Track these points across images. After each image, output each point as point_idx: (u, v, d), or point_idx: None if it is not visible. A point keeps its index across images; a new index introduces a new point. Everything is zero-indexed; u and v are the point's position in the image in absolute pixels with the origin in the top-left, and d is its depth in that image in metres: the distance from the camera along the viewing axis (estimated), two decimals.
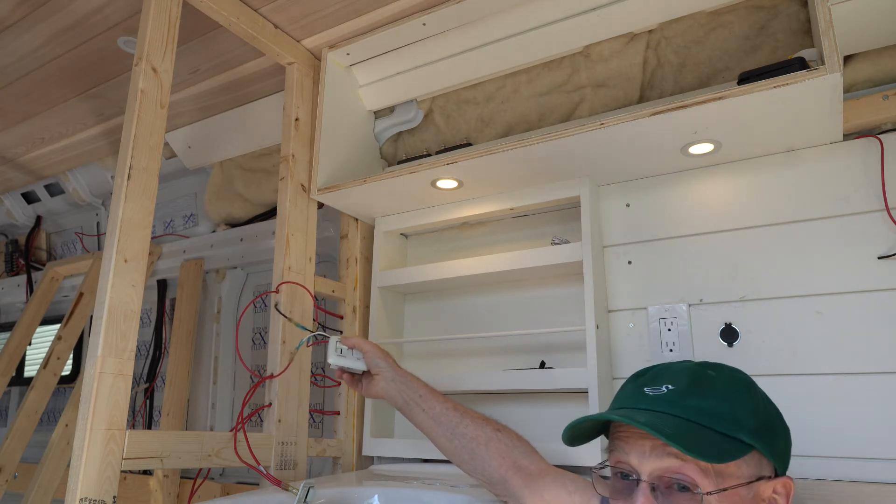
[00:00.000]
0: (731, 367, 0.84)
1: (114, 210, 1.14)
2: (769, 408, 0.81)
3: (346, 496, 1.18)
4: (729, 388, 0.79)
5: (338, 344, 1.17)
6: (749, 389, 0.80)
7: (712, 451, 0.71)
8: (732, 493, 0.72)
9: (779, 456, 0.77)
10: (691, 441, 0.71)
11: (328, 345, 1.17)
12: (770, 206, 1.29)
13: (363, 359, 1.19)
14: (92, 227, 2.72)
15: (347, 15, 1.50)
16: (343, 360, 1.17)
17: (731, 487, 0.72)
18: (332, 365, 1.16)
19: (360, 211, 1.69)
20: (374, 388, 1.19)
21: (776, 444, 0.77)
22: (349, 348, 1.19)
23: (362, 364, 1.19)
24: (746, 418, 0.76)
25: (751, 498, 0.74)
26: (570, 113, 1.57)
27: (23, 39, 1.62)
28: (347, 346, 1.19)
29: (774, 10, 1.33)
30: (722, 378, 0.80)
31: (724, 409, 0.76)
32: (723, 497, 0.71)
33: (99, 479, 1.01)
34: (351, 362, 1.18)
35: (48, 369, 2.20)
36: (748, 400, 0.78)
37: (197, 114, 2.01)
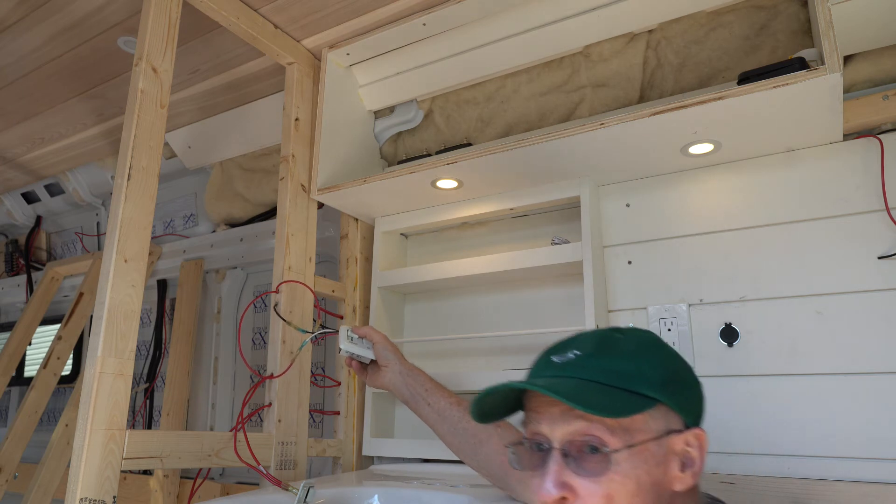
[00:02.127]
0: (640, 329, 0.84)
1: (114, 210, 1.14)
2: (675, 363, 0.80)
3: (346, 496, 1.18)
4: (634, 347, 0.79)
5: (349, 332, 1.19)
6: (656, 347, 0.80)
7: (614, 406, 0.71)
8: (642, 450, 0.72)
9: (687, 409, 0.77)
10: (590, 398, 0.71)
11: (339, 332, 1.19)
12: (770, 206, 1.29)
13: (372, 348, 1.21)
14: (92, 227, 2.72)
15: (347, 15, 1.50)
16: (353, 348, 1.19)
17: (640, 443, 0.71)
18: (342, 351, 1.18)
19: (360, 211, 1.69)
20: (381, 380, 1.21)
21: (682, 396, 0.77)
22: (359, 337, 1.21)
23: (371, 353, 1.21)
24: (650, 373, 0.75)
25: (662, 453, 0.73)
26: (570, 113, 1.57)
27: (23, 39, 1.62)
28: (358, 335, 1.21)
29: (774, 10, 1.33)
30: (628, 339, 0.80)
31: (629, 367, 0.75)
32: (633, 454, 0.71)
33: (99, 479, 1.01)
34: (360, 350, 1.20)
35: (48, 369, 2.20)
36: (653, 356, 0.78)
37: (197, 114, 2.01)
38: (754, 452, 1.21)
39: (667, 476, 0.73)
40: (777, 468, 1.18)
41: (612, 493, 0.70)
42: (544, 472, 0.73)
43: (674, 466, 0.74)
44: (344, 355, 1.20)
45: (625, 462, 0.71)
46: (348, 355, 1.20)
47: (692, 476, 0.75)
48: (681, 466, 0.75)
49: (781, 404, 1.20)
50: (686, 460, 0.75)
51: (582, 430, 0.72)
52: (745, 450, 1.21)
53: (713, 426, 1.23)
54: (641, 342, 0.80)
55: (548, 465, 0.73)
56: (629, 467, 0.71)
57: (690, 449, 0.75)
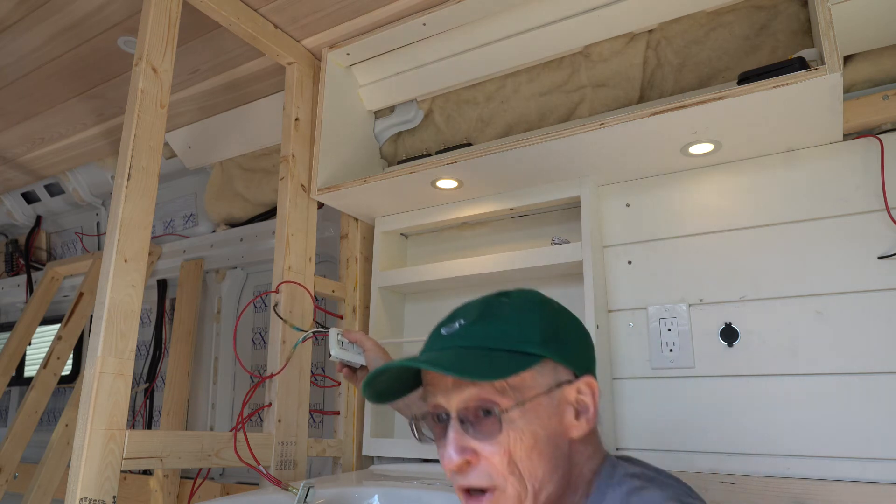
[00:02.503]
0: (525, 290, 0.85)
1: (114, 210, 1.14)
2: (558, 319, 0.82)
3: (346, 496, 1.18)
4: (517, 308, 0.80)
5: (339, 336, 1.18)
6: (538, 305, 0.82)
7: (496, 369, 0.73)
8: (534, 405, 0.74)
9: (573, 359, 0.79)
10: (471, 365, 0.73)
11: (329, 337, 1.17)
12: (770, 206, 1.29)
13: (363, 353, 1.20)
14: (92, 227, 2.72)
15: (347, 15, 1.50)
16: (343, 354, 1.18)
17: (530, 399, 0.74)
18: (333, 357, 1.17)
19: (360, 211, 1.69)
20: None
21: (567, 349, 0.79)
22: (350, 342, 1.20)
23: (361, 358, 1.20)
24: (531, 332, 0.77)
25: (556, 405, 0.76)
26: (570, 113, 1.57)
27: (23, 39, 1.62)
28: (349, 340, 1.20)
29: (774, 10, 1.33)
30: (511, 301, 0.82)
31: (510, 329, 0.78)
32: (525, 410, 0.74)
33: (99, 479, 1.01)
34: (351, 356, 1.19)
35: (48, 369, 2.20)
36: (534, 315, 0.80)
37: (197, 114, 2.01)
38: (754, 452, 1.21)
39: (562, 425, 0.76)
40: (777, 468, 1.18)
41: (510, 450, 0.73)
42: (446, 441, 0.75)
43: (569, 415, 0.77)
44: (334, 360, 1.19)
45: (519, 419, 0.73)
46: (337, 360, 1.20)
47: (587, 422, 0.78)
48: (575, 414, 0.78)
49: (781, 404, 1.21)
50: (580, 408, 0.78)
51: (474, 396, 0.74)
52: (745, 450, 1.21)
53: (713, 426, 1.24)
54: (523, 303, 0.82)
55: (447, 433, 0.75)
56: (524, 423, 0.73)
57: (583, 397, 0.78)
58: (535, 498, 0.74)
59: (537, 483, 0.73)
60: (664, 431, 1.29)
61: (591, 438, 0.80)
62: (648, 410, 1.31)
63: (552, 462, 0.74)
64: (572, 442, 0.77)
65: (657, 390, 1.32)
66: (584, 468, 0.78)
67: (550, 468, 0.74)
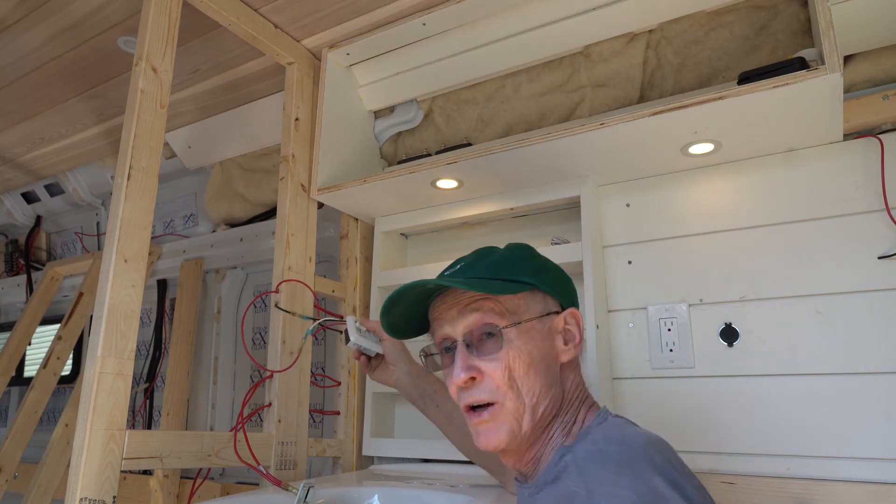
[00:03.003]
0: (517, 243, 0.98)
1: (114, 210, 1.14)
2: (545, 261, 0.95)
3: (346, 496, 1.18)
4: (508, 251, 0.94)
5: (357, 324, 1.18)
6: (525, 250, 0.95)
7: (495, 288, 0.85)
8: (529, 328, 0.85)
9: (559, 291, 0.91)
10: (476, 285, 0.85)
11: (347, 324, 1.18)
12: (770, 206, 1.29)
13: (380, 342, 1.21)
14: (92, 227, 2.72)
15: (347, 15, 1.50)
16: (363, 340, 1.19)
17: (525, 321, 0.85)
18: (352, 344, 1.17)
19: (360, 211, 1.69)
20: (389, 377, 1.22)
21: (554, 282, 0.91)
22: (367, 330, 1.21)
23: (379, 347, 1.21)
24: (522, 265, 0.90)
25: (546, 330, 0.87)
26: (570, 113, 1.57)
27: (23, 39, 1.62)
28: (367, 328, 1.21)
29: (774, 10, 1.33)
30: (506, 248, 0.95)
31: (504, 264, 0.90)
32: (522, 331, 0.85)
33: (99, 479, 1.01)
34: (369, 343, 1.20)
35: (48, 369, 2.20)
36: (524, 256, 0.93)
37: (197, 114, 2.01)
38: (754, 452, 1.21)
39: (554, 349, 0.87)
40: (777, 468, 1.18)
41: (510, 366, 0.83)
42: (454, 364, 0.85)
43: (559, 341, 0.88)
44: (352, 347, 1.19)
45: (516, 339, 0.84)
46: (356, 348, 1.20)
47: (574, 348, 0.89)
48: (564, 341, 0.88)
49: (781, 404, 1.21)
50: (567, 336, 0.89)
51: (477, 321, 0.85)
52: (745, 450, 1.22)
53: (713, 426, 1.24)
54: (513, 248, 0.95)
55: (455, 357, 0.86)
56: (521, 343, 0.84)
57: (569, 326, 0.89)
58: (532, 412, 0.83)
59: (534, 398, 0.83)
60: (664, 431, 1.28)
61: (577, 367, 0.91)
62: (648, 410, 1.31)
63: (546, 380, 0.84)
64: (562, 366, 0.88)
65: (657, 390, 1.32)
66: (573, 395, 0.88)
67: (545, 385, 0.84)
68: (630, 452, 0.74)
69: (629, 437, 0.77)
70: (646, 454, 0.73)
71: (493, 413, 0.83)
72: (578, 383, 0.90)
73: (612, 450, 0.75)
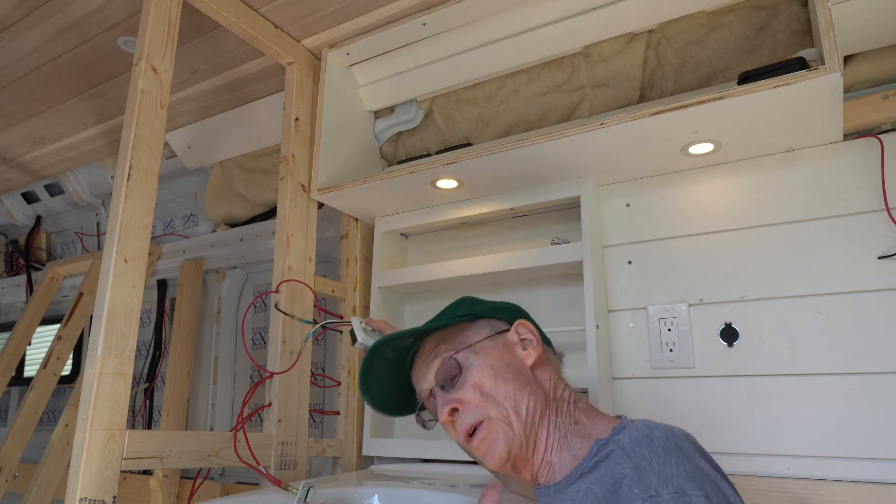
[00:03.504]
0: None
1: (114, 210, 1.14)
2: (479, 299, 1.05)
3: (346, 496, 1.17)
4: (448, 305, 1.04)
5: (363, 324, 1.19)
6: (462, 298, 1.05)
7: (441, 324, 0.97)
8: (482, 347, 0.94)
9: (499, 312, 1.00)
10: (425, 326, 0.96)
11: (353, 325, 1.18)
12: (770, 206, 1.29)
13: None
14: (92, 227, 2.72)
15: (347, 15, 1.50)
16: (370, 341, 1.18)
17: (475, 343, 0.94)
18: (359, 344, 1.17)
19: (360, 211, 1.69)
20: None
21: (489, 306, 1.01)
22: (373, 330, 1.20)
23: None
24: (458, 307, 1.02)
25: (503, 346, 0.95)
26: (570, 113, 1.57)
27: (23, 39, 1.62)
28: (372, 328, 1.21)
29: (774, 10, 1.33)
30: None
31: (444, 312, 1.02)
32: (475, 351, 0.93)
33: (99, 479, 1.01)
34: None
35: (48, 369, 2.20)
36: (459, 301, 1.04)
37: (197, 114, 2.01)
38: (754, 452, 1.21)
39: (515, 358, 0.94)
40: (777, 468, 1.18)
41: (477, 384, 0.90)
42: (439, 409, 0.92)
43: (518, 350, 0.95)
44: (359, 348, 1.19)
45: (473, 359, 0.93)
46: (364, 348, 1.20)
47: (535, 349, 0.95)
48: (523, 348, 0.95)
49: (781, 404, 1.21)
50: (525, 343, 0.96)
51: (439, 364, 0.94)
52: (745, 450, 1.22)
53: (713, 426, 1.24)
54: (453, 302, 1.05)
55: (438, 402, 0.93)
56: (479, 360, 0.92)
57: (524, 336, 0.97)
58: (516, 413, 0.89)
59: (513, 401, 0.89)
60: None
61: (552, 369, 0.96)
62: (648, 410, 1.31)
63: (518, 382, 0.91)
64: (533, 369, 0.94)
65: (657, 390, 1.32)
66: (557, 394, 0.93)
67: (518, 388, 0.90)
68: (674, 437, 0.78)
69: (669, 426, 0.81)
70: (688, 438, 0.79)
71: (485, 426, 0.89)
72: (557, 383, 0.95)
73: (657, 434, 0.78)
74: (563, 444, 0.88)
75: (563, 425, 0.89)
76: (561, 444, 0.88)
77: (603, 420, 0.90)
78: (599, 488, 0.78)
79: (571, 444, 0.87)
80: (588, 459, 0.83)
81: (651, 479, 0.73)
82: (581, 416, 0.90)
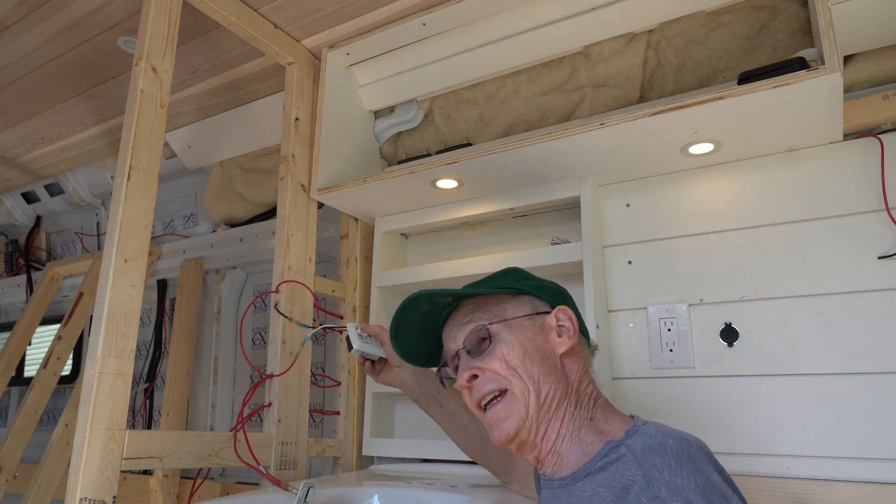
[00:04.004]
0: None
1: (114, 210, 1.14)
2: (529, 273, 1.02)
3: (346, 496, 1.18)
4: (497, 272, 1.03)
5: (358, 330, 1.18)
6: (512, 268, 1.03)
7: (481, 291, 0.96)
8: (517, 324, 0.92)
9: (545, 293, 0.97)
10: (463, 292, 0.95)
11: (349, 331, 1.18)
12: (770, 206, 1.29)
13: (382, 346, 1.21)
14: (92, 227, 2.72)
15: (347, 15, 1.50)
16: (365, 347, 1.18)
17: (512, 318, 0.93)
18: (355, 351, 1.17)
19: (360, 211, 1.69)
20: (394, 378, 1.23)
21: (537, 284, 0.98)
22: (369, 335, 1.21)
23: (381, 351, 1.21)
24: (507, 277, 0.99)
25: (538, 327, 0.93)
26: (570, 113, 1.57)
27: (23, 39, 1.62)
28: (368, 334, 1.21)
29: (774, 10, 1.33)
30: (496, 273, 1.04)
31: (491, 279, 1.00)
32: (510, 326, 0.92)
33: (99, 479, 1.01)
34: (372, 349, 1.20)
35: (48, 369, 2.20)
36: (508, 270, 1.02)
37: (197, 114, 2.01)
38: (754, 452, 1.21)
39: (548, 343, 0.92)
40: (777, 468, 1.18)
41: (505, 358, 0.89)
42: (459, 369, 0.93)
43: (552, 335, 0.93)
44: (355, 354, 1.20)
45: (506, 333, 0.91)
46: (359, 354, 1.20)
47: (569, 339, 0.92)
48: (558, 335, 0.93)
49: (781, 404, 1.21)
50: (561, 331, 0.93)
51: (473, 329, 0.93)
52: (745, 450, 1.22)
53: (713, 426, 1.24)
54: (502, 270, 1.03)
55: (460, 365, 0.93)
56: (511, 336, 0.91)
57: (562, 322, 0.94)
58: (538, 395, 0.88)
59: (535, 382, 0.88)
60: None
61: (581, 361, 0.94)
62: (648, 410, 1.31)
63: (545, 367, 0.89)
64: (562, 357, 0.92)
65: (657, 390, 1.32)
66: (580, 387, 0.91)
67: (544, 373, 0.89)
68: (688, 447, 0.76)
69: (685, 434, 0.80)
70: (702, 449, 0.77)
71: (505, 401, 0.89)
72: (582, 377, 0.93)
73: (670, 443, 0.77)
74: (575, 437, 0.88)
75: (579, 419, 0.89)
76: (573, 437, 0.88)
77: (617, 420, 0.89)
78: (607, 492, 0.78)
79: (583, 439, 0.87)
80: (597, 459, 0.83)
81: (661, 489, 0.72)
82: (598, 413, 0.90)
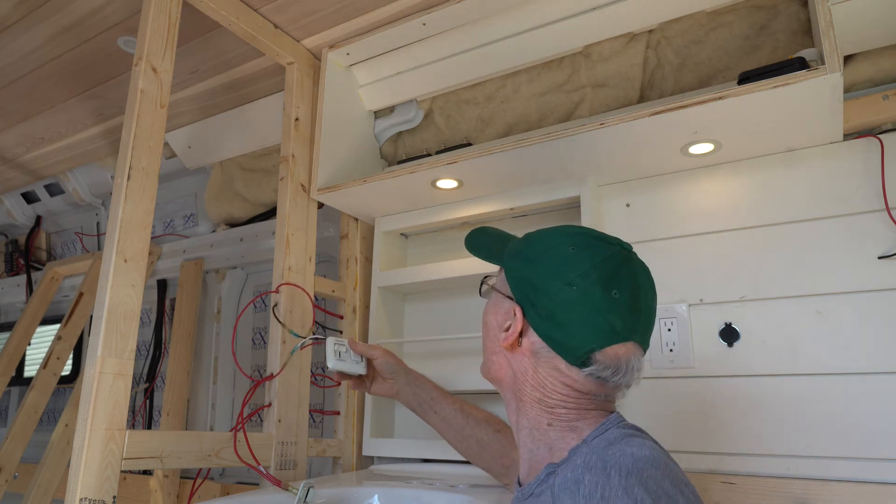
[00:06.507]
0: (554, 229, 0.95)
1: (114, 210, 1.14)
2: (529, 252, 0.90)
3: (346, 496, 1.18)
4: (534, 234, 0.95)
5: (335, 346, 1.18)
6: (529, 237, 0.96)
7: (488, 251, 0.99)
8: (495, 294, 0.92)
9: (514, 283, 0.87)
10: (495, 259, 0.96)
11: (326, 347, 1.17)
12: (770, 206, 1.29)
13: (362, 361, 1.21)
14: (92, 227, 2.72)
15: (347, 15, 1.50)
16: (341, 365, 1.18)
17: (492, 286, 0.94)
18: (330, 369, 1.17)
19: (360, 211, 1.69)
20: (388, 390, 1.24)
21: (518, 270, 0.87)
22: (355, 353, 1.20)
23: (360, 367, 1.21)
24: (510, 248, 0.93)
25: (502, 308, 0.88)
26: (570, 113, 1.57)
27: (23, 39, 1.62)
28: (356, 352, 1.20)
29: (774, 10, 1.33)
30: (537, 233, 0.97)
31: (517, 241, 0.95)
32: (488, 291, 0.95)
33: (99, 479, 1.01)
34: (349, 366, 1.19)
35: (48, 369, 2.20)
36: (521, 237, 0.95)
37: (197, 114, 2.01)
38: (754, 452, 1.21)
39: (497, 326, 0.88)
40: (777, 468, 1.18)
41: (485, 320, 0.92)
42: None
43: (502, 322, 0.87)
44: (332, 372, 1.20)
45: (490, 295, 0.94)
46: (336, 372, 1.20)
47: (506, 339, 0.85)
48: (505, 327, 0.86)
49: (781, 404, 1.20)
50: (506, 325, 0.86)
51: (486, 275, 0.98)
52: (745, 450, 1.22)
53: (713, 426, 1.24)
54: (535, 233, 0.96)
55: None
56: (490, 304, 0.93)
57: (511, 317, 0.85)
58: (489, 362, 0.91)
59: (486, 352, 0.92)
60: (664, 431, 1.29)
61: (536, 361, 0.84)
62: (648, 410, 1.31)
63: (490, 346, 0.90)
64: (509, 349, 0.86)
65: (657, 390, 1.32)
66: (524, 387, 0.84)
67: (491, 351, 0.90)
68: (606, 484, 0.67)
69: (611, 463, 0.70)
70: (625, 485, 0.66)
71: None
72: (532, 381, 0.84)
73: (586, 481, 0.69)
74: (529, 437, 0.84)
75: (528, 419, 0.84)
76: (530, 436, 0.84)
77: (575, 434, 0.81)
78: None
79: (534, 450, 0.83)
80: (536, 483, 0.79)
81: None
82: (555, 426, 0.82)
